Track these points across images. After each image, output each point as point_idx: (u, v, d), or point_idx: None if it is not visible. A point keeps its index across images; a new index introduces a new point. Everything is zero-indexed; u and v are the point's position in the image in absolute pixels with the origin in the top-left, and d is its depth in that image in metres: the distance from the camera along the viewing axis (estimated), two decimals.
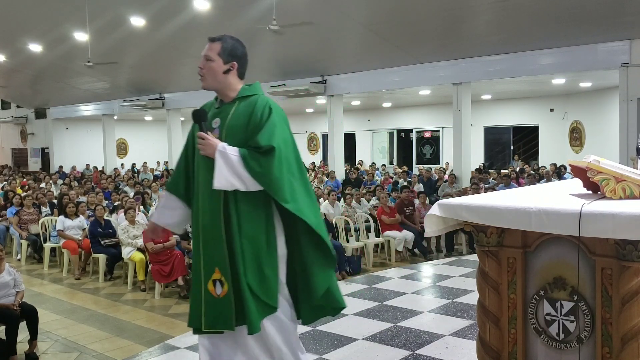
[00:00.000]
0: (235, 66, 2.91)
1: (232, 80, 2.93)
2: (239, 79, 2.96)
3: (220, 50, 2.89)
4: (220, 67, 2.89)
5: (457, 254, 9.38)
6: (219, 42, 2.90)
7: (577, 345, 2.36)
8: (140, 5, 12.34)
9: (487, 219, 2.46)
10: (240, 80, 2.97)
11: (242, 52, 2.96)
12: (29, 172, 23.56)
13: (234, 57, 2.91)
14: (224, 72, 2.90)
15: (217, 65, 2.89)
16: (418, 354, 4.02)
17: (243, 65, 2.97)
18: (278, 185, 2.74)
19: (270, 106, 2.85)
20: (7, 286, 5.40)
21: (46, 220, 9.83)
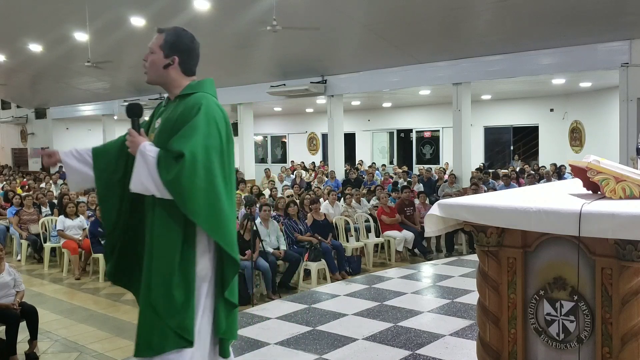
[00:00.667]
0: (176, 61, 2.67)
1: (175, 76, 2.69)
2: (184, 74, 2.71)
3: (162, 42, 2.67)
4: (160, 61, 2.67)
5: (457, 254, 9.39)
6: (163, 34, 2.69)
7: (577, 345, 2.36)
8: (140, 5, 12.34)
9: (487, 219, 2.46)
10: (186, 76, 2.72)
11: (188, 46, 2.70)
12: (29, 172, 23.56)
13: (175, 51, 2.67)
14: (164, 67, 2.68)
15: (157, 58, 2.67)
16: (418, 354, 4.02)
17: (187, 61, 2.71)
18: (187, 197, 2.42)
19: (200, 106, 2.55)
20: (7, 286, 5.40)
21: (46, 220, 9.83)
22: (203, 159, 2.45)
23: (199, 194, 2.43)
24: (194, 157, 2.42)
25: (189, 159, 2.41)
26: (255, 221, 7.41)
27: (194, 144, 2.44)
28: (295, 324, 4.83)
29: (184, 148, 2.42)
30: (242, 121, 17.07)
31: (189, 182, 2.41)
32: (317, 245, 8.06)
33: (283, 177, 16.46)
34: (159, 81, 2.73)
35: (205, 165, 2.45)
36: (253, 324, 4.81)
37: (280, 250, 7.84)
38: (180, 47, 2.68)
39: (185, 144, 2.44)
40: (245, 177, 15.81)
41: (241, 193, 11.56)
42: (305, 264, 7.92)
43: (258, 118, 19.86)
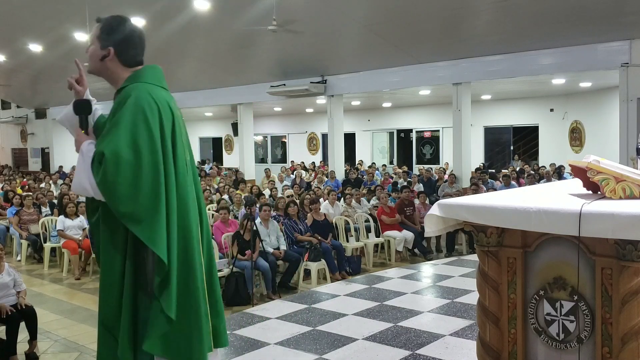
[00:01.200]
0: (112, 52, 2.48)
1: (113, 68, 2.51)
2: (123, 66, 2.51)
3: (98, 33, 2.51)
4: (97, 53, 2.50)
5: (457, 254, 9.39)
6: (99, 25, 2.53)
7: (577, 345, 2.36)
8: (140, 5, 12.34)
9: (487, 219, 2.46)
10: (127, 67, 2.52)
11: (124, 35, 2.50)
12: (29, 172, 23.56)
13: (111, 42, 2.48)
14: (100, 59, 2.50)
15: (94, 50, 2.51)
16: (418, 354, 4.01)
17: (125, 51, 2.50)
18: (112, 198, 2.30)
19: (127, 99, 2.39)
20: (7, 287, 5.40)
21: (46, 220, 9.83)
22: (128, 156, 2.29)
23: (124, 193, 2.29)
24: (116, 155, 2.29)
25: (109, 159, 2.28)
26: (255, 221, 7.41)
27: (115, 141, 2.31)
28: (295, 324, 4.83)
29: (105, 147, 2.31)
30: (242, 121, 17.07)
31: (112, 182, 2.28)
32: (317, 245, 8.06)
33: (283, 177, 16.47)
34: (99, 74, 2.56)
35: (131, 162, 2.30)
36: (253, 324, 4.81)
37: (280, 250, 7.84)
38: (116, 37, 2.49)
39: (108, 142, 2.32)
40: (245, 177, 15.81)
41: (241, 193, 11.57)
42: (305, 264, 7.92)
43: (258, 118, 19.86)
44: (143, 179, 2.30)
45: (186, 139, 2.61)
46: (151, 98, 2.40)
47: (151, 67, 2.55)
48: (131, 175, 2.30)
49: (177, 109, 2.53)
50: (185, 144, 2.57)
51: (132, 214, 2.31)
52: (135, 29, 2.57)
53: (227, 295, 7.05)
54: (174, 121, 2.45)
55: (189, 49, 14.47)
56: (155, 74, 2.55)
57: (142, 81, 2.47)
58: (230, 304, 6.98)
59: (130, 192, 2.29)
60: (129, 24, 2.55)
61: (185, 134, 2.61)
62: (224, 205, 8.81)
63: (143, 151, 2.32)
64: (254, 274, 7.16)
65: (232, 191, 11.68)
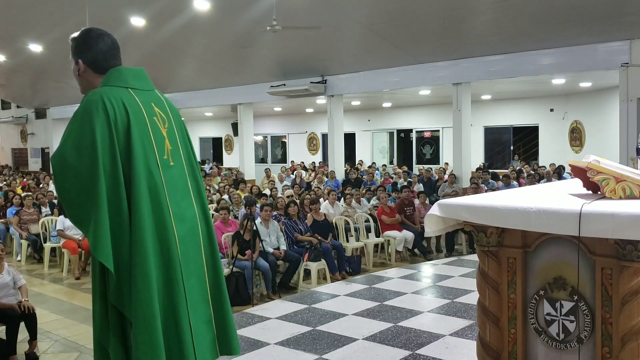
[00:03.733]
0: (81, 64, 2.49)
1: (90, 78, 2.51)
2: (97, 74, 2.50)
3: (71, 51, 2.54)
4: (74, 70, 2.54)
5: (457, 254, 9.38)
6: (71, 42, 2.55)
7: (577, 345, 2.36)
8: (140, 5, 12.34)
9: (487, 219, 2.46)
10: (101, 75, 2.49)
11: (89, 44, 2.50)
12: (28, 172, 23.56)
13: (79, 55, 2.50)
14: (78, 74, 2.54)
15: (73, 68, 2.54)
16: (418, 354, 4.01)
17: (94, 60, 2.49)
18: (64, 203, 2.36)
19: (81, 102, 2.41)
20: (7, 286, 5.40)
21: (46, 220, 9.83)
22: (72, 160, 2.28)
23: (71, 198, 2.30)
24: (60, 160, 2.30)
25: (54, 165, 2.32)
26: (255, 221, 7.41)
27: (60, 146, 2.33)
28: (295, 324, 4.83)
29: (54, 152, 2.34)
30: (242, 121, 17.07)
31: (60, 188, 2.33)
32: (317, 245, 8.06)
33: (283, 177, 16.46)
34: (84, 89, 2.56)
35: (74, 166, 2.28)
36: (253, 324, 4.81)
37: (280, 250, 7.84)
38: (82, 49, 2.51)
39: (56, 149, 2.35)
40: (245, 177, 15.81)
41: (241, 193, 11.57)
42: (305, 264, 7.92)
43: (258, 118, 19.86)
44: (84, 181, 2.28)
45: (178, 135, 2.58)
46: (100, 99, 2.35)
47: (116, 70, 2.51)
48: (74, 178, 2.29)
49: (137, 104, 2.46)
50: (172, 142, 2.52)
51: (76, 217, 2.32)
52: (100, 35, 2.53)
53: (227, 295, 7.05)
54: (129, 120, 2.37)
55: (189, 49, 14.47)
56: (120, 75, 2.49)
57: (104, 84, 2.45)
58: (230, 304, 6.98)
59: (74, 196, 2.29)
60: (93, 32, 2.54)
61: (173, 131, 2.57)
62: (224, 206, 8.82)
63: (85, 155, 2.28)
64: (254, 274, 7.16)
65: (232, 191, 11.67)
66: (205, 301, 2.55)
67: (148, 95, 2.53)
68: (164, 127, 2.52)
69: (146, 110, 2.47)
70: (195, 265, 2.53)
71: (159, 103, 2.57)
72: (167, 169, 2.47)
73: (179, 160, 2.55)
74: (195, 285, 2.53)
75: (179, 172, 2.53)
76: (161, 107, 2.57)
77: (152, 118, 2.48)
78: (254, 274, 7.16)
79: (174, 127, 2.58)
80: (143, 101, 2.48)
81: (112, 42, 2.55)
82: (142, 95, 2.50)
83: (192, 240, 2.51)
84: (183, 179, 2.54)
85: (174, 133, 2.57)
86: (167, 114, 2.59)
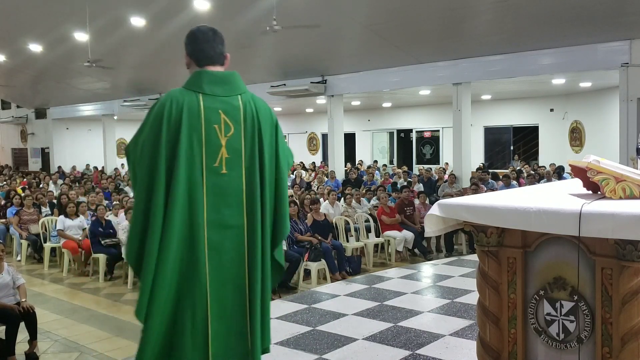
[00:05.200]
0: (187, 58, 2.68)
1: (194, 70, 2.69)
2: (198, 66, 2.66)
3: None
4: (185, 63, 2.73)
5: (457, 254, 9.38)
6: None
7: (577, 345, 2.36)
8: (140, 5, 12.34)
9: (487, 219, 2.46)
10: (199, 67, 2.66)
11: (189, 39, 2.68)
12: (28, 172, 23.56)
13: (186, 50, 2.69)
14: (187, 67, 2.71)
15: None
16: (418, 354, 4.01)
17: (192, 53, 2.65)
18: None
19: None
20: (7, 286, 5.40)
21: (46, 220, 9.83)
22: (132, 154, 2.53)
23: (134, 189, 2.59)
24: (127, 154, 2.58)
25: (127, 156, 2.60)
26: None
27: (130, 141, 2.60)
28: (295, 324, 4.83)
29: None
30: None
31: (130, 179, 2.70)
32: (317, 245, 8.06)
33: None
34: None
35: (133, 160, 2.52)
36: None
37: None
38: (185, 43, 2.69)
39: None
40: None
41: None
42: (305, 264, 7.92)
43: None
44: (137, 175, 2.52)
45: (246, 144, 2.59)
46: (168, 101, 2.50)
47: (198, 72, 2.62)
48: (132, 171, 2.57)
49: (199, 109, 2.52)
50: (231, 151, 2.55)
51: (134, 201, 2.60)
52: (196, 32, 2.66)
53: None
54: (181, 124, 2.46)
55: None
56: (197, 78, 2.60)
57: (184, 85, 2.62)
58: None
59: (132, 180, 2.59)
60: (197, 29, 2.68)
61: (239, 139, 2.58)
62: None
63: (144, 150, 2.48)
64: None
65: None
66: (242, 312, 2.55)
67: (219, 102, 2.57)
68: (224, 135, 2.54)
69: (207, 117, 2.51)
70: (231, 273, 2.53)
71: (231, 110, 2.57)
72: (215, 175, 2.50)
73: (237, 169, 2.55)
74: (229, 294, 2.53)
75: (231, 180, 2.54)
76: (232, 115, 2.57)
77: (212, 125, 2.52)
78: None
79: (243, 136, 2.57)
80: (208, 107, 2.53)
81: (209, 40, 2.64)
82: (211, 101, 2.55)
83: (231, 249, 2.52)
84: (235, 188, 2.54)
85: (239, 141, 2.56)
86: (238, 122, 2.57)
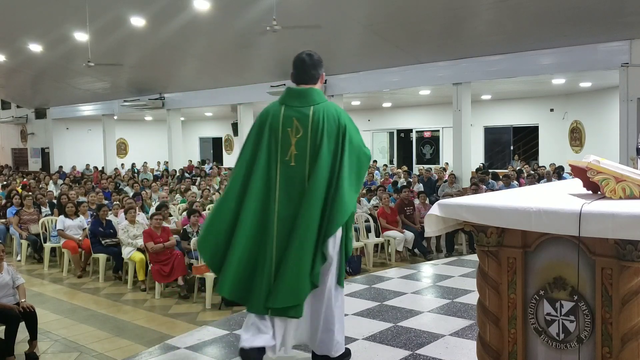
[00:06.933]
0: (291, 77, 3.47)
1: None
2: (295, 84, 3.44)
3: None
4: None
5: (457, 254, 9.38)
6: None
7: (577, 345, 2.36)
8: (140, 5, 12.34)
9: (487, 219, 2.46)
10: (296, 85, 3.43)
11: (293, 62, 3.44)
12: (28, 172, 23.56)
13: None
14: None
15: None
16: (418, 354, 4.01)
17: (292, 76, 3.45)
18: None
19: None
20: (7, 286, 5.40)
21: (46, 220, 9.83)
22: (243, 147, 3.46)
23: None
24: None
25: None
26: None
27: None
28: None
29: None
30: (242, 121, 17.07)
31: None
32: None
33: None
34: None
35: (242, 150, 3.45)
36: None
37: None
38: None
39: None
40: None
41: None
42: None
43: None
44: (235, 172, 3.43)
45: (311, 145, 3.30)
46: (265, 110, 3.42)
47: (287, 88, 3.46)
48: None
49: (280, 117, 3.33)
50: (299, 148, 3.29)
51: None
52: (298, 58, 3.43)
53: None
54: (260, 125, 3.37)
55: (189, 49, 14.47)
56: (284, 94, 3.44)
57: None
58: (230, 304, 6.98)
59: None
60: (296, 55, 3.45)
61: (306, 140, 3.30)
62: None
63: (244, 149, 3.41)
64: None
65: None
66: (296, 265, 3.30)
67: (295, 111, 3.33)
68: (294, 136, 3.31)
69: (284, 122, 3.32)
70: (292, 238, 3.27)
71: (302, 118, 3.31)
72: (285, 166, 3.31)
73: (302, 163, 3.30)
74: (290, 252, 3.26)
75: (297, 170, 3.30)
76: (302, 121, 3.31)
77: (287, 129, 3.31)
78: None
79: (309, 138, 3.30)
80: (286, 115, 3.33)
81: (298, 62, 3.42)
82: (289, 110, 3.34)
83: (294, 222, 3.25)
84: (300, 177, 3.29)
85: (306, 141, 3.30)
86: (306, 127, 3.31)
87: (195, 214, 8.30)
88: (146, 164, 21.79)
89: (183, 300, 7.40)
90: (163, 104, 18.59)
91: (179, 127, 19.36)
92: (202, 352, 4.05)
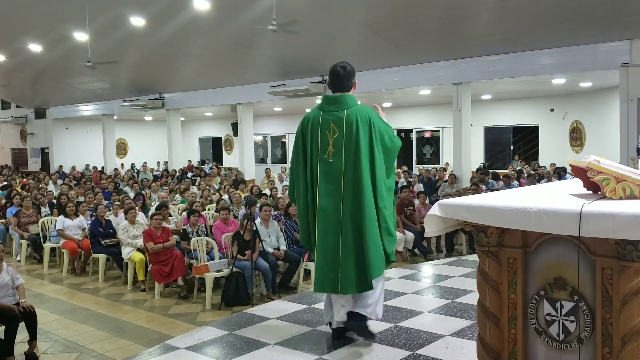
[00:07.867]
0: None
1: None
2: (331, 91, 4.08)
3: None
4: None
5: (457, 254, 9.38)
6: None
7: (577, 346, 2.36)
8: (140, 5, 12.33)
9: (487, 219, 2.46)
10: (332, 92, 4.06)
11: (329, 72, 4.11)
12: (28, 172, 23.55)
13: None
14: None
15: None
16: (418, 354, 4.01)
17: (328, 85, 4.10)
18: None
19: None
20: (7, 286, 5.40)
21: (46, 220, 9.82)
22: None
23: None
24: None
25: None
26: (255, 221, 7.41)
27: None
28: (295, 324, 4.82)
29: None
30: (242, 121, 17.07)
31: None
32: None
33: (283, 177, 16.44)
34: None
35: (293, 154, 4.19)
36: (253, 324, 4.80)
37: (280, 250, 7.83)
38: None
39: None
40: (245, 177, 15.80)
41: (241, 193, 11.56)
42: (305, 264, 7.92)
43: (258, 118, 19.85)
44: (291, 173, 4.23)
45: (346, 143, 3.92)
46: (306, 116, 4.08)
47: (324, 96, 4.08)
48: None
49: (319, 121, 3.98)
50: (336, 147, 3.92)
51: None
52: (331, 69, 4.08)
53: (227, 295, 7.05)
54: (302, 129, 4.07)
55: (189, 49, 14.46)
56: (322, 100, 4.09)
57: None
58: (230, 304, 6.99)
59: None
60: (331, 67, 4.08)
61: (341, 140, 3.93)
62: (225, 206, 8.81)
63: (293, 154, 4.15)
64: (254, 274, 7.16)
65: (232, 191, 11.67)
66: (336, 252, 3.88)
67: (331, 115, 3.97)
68: (331, 137, 3.93)
69: (322, 125, 3.97)
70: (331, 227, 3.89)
71: (337, 121, 3.94)
72: (325, 163, 3.93)
73: (339, 160, 3.90)
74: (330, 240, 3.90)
75: (335, 167, 3.91)
76: (337, 123, 3.93)
77: (325, 131, 3.95)
78: (254, 274, 7.16)
79: (344, 138, 3.90)
80: (324, 119, 3.97)
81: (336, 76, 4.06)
82: (327, 115, 3.98)
83: (333, 212, 3.89)
84: (337, 172, 3.90)
85: (341, 141, 3.91)
86: (341, 128, 3.92)
87: (195, 214, 8.30)
88: (146, 164, 21.79)
89: (183, 301, 7.40)
90: (163, 104, 18.58)
91: (179, 127, 19.35)
92: (202, 352, 4.05)
